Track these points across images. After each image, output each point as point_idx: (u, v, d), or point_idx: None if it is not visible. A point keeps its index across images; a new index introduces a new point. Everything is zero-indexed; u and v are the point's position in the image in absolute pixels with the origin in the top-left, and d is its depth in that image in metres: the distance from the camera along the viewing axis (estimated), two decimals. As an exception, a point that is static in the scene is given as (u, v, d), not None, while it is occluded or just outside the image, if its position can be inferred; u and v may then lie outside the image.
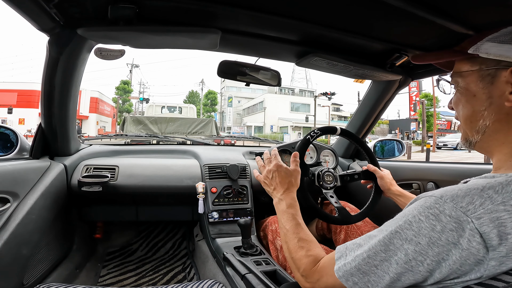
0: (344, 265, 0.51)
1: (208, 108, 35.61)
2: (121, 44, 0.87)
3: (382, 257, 0.47)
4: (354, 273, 0.49)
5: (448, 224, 0.41)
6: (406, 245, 0.44)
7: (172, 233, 1.97)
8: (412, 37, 0.88)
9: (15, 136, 1.13)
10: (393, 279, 0.45)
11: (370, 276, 0.47)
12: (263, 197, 1.53)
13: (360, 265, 0.49)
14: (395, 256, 0.45)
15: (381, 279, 0.46)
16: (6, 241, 0.87)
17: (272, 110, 31.81)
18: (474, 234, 0.40)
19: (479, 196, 0.42)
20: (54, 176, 1.14)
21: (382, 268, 0.46)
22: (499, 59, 0.49)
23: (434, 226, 0.42)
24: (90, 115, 22.45)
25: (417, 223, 0.44)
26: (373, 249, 0.48)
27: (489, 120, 0.50)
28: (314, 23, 0.82)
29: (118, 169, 1.32)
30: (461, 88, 0.55)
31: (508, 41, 0.49)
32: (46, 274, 1.19)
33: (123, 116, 7.22)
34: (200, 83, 37.82)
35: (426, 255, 0.43)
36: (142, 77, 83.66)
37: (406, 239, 0.45)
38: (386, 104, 1.44)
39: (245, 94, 41.32)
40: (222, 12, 0.77)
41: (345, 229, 1.18)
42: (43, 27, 0.77)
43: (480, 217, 0.40)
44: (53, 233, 1.23)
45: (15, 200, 0.94)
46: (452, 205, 0.42)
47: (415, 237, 0.44)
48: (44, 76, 0.97)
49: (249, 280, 0.81)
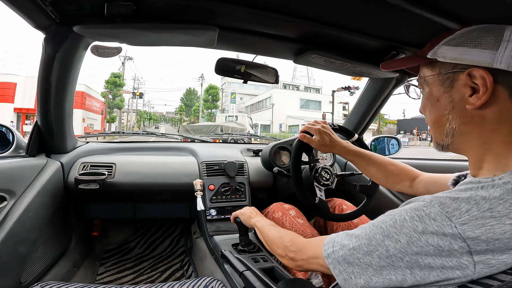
0: (333, 252, 0.52)
1: (209, 105, 32.94)
2: (117, 41, 0.86)
3: (365, 251, 0.48)
4: (341, 262, 0.50)
5: (429, 226, 0.42)
6: (387, 242, 0.45)
7: (169, 231, 1.97)
8: (409, 35, 0.88)
9: (11, 133, 1.12)
10: (375, 272, 0.46)
11: (354, 267, 0.49)
12: (261, 194, 1.53)
13: (346, 255, 0.50)
14: (377, 251, 0.46)
15: (364, 270, 0.47)
16: (3, 239, 0.87)
17: (280, 107, 28.50)
18: (456, 238, 0.40)
19: (466, 203, 0.42)
20: (51, 174, 1.13)
21: (364, 261, 0.47)
22: (455, 62, 0.50)
23: (416, 226, 0.43)
24: (75, 111, 19.01)
25: (400, 222, 0.45)
26: (359, 241, 0.49)
27: (454, 123, 0.51)
28: (312, 21, 0.82)
29: (115, 166, 1.32)
30: (426, 93, 0.55)
31: (462, 44, 0.49)
32: (44, 272, 1.19)
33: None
34: (199, 78, 36.17)
35: (405, 253, 0.44)
36: (137, 72, 79.94)
37: (387, 236, 0.46)
38: (383, 102, 1.45)
39: (247, 91, 38.27)
40: (219, 9, 0.77)
41: (342, 227, 1.19)
42: (39, 24, 0.77)
43: (464, 223, 0.41)
44: (50, 231, 1.23)
45: (11, 198, 0.94)
46: (438, 210, 0.43)
47: (396, 235, 0.45)
48: (40, 74, 0.96)
49: (247, 277, 0.82)
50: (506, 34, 0.46)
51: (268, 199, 1.55)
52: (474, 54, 0.47)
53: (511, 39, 0.46)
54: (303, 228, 1.11)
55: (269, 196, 1.56)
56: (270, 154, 1.41)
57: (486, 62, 0.46)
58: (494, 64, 0.46)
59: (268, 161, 1.41)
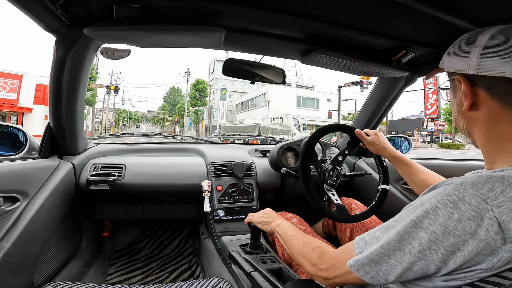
0: (358, 257, 0.51)
1: (195, 101, 27.87)
2: (126, 43, 0.87)
3: (395, 247, 0.46)
4: (366, 263, 0.49)
5: (466, 212, 0.40)
6: (421, 234, 0.44)
7: (178, 231, 1.99)
8: (418, 33, 0.87)
9: (24, 135, 1.15)
10: (406, 268, 0.45)
11: (382, 265, 0.47)
12: (268, 194, 1.53)
13: (372, 255, 0.49)
14: (409, 246, 0.44)
15: (394, 268, 0.46)
16: (16, 240, 0.88)
17: (276, 105, 25.65)
18: (493, 224, 0.39)
19: (500, 183, 0.41)
20: (63, 175, 1.15)
21: (395, 257, 0.46)
22: (449, 71, 0.55)
23: (452, 214, 0.41)
24: (35, 107, 16.88)
25: (433, 211, 0.43)
26: (387, 238, 0.48)
27: (462, 124, 0.55)
28: (319, 21, 0.82)
29: (125, 167, 1.34)
30: None
31: (452, 53, 0.54)
32: (56, 273, 1.20)
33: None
34: (185, 74, 30.95)
35: (440, 245, 0.42)
36: (114, 67, 70.03)
37: (421, 228, 0.44)
38: (392, 101, 1.43)
39: (237, 88, 35.11)
40: (226, 10, 0.77)
41: (351, 227, 1.17)
42: (50, 27, 0.78)
43: (501, 205, 0.39)
44: (62, 232, 1.25)
45: (24, 199, 0.95)
46: (472, 192, 0.41)
47: (430, 226, 0.43)
48: (51, 76, 0.98)
49: (255, 278, 0.81)
50: (480, 39, 0.49)
51: (276, 199, 1.54)
52: (455, 62, 0.53)
53: (480, 44, 0.48)
54: None
55: (276, 196, 1.55)
56: (278, 155, 1.40)
57: (461, 68, 0.51)
58: (467, 70, 0.49)
59: (276, 162, 1.41)
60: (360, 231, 1.14)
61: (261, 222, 0.96)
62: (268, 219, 0.95)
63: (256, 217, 0.99)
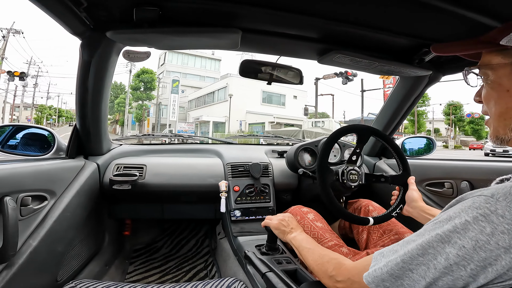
0: (374, 271, 0.49)
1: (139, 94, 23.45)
2: (146, 46, 0.91)
3: (419, 261, 0.43)
4: (386, 279, 0.47)
5: (500, 225, 0.38)
6: (448, 249, 0.41)
7: (195, 231, 2.01)
8: (440, 31, 0.83)
9: (52, 136, 1.21)
10: (429, 284, 0.42)
11: (403, 280, 0.45)
12: (285, 195, 1.52)
13: (392, 270, 0.46)
14: (434, 260, 0.42)
15: (416, 283, 0.43)
16: (42, 238, 0.90)
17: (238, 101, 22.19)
18: None
19: None
20: (88, 175, 1.19)
21: (418, 272, 0.43)
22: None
23: (483, 228, 0.39)
24: None
25: (462, 225, 0.40)
26: (409, 253, 0.45)
27: None
28: (335, 20, 0.81)
29: (146, 168, 1.37)
30: (491, 82, 0.51)
31: None
32: (79, 271, 1.24)
33: None
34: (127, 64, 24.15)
35: (470, 260, 0.39)
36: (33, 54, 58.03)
37: (449, 242, 0.41)
38: (415, 101, 1.38)
39: (191, 82, 30.14)
40: (242, 11, 0.78)
41: (367, 229, 1.14)
42: (75, 30, 0.82)
43: None
44: (86, 230, 1.29)
45: (52, 198, 0.99)
46: (505, 204, 0.38)
47: (459, 240, 0.40)
48: (77, 80, 1.02)
49: (270, 278, 0.81)
50: None
51: (293, 200, 1.53)
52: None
53: None
54: (322, 232, 1.08)
55: (293, 197, 1.53)
56: (295, 155, 1.39)
57: None
58: None
59: (293, 163, 1.39)
60: (377, 233, 1.11)
61: (277, 229, 0.96)
62: (285, 228, 0.94)
63: (274, 222, 0.99)
